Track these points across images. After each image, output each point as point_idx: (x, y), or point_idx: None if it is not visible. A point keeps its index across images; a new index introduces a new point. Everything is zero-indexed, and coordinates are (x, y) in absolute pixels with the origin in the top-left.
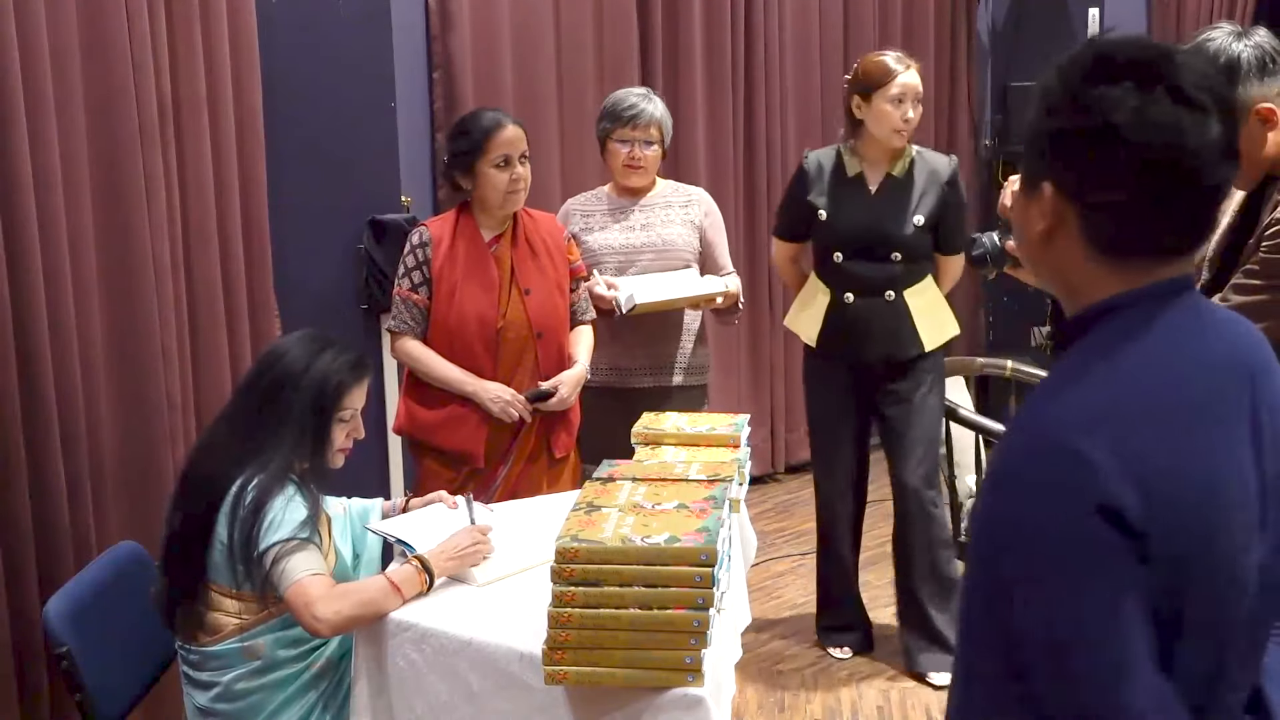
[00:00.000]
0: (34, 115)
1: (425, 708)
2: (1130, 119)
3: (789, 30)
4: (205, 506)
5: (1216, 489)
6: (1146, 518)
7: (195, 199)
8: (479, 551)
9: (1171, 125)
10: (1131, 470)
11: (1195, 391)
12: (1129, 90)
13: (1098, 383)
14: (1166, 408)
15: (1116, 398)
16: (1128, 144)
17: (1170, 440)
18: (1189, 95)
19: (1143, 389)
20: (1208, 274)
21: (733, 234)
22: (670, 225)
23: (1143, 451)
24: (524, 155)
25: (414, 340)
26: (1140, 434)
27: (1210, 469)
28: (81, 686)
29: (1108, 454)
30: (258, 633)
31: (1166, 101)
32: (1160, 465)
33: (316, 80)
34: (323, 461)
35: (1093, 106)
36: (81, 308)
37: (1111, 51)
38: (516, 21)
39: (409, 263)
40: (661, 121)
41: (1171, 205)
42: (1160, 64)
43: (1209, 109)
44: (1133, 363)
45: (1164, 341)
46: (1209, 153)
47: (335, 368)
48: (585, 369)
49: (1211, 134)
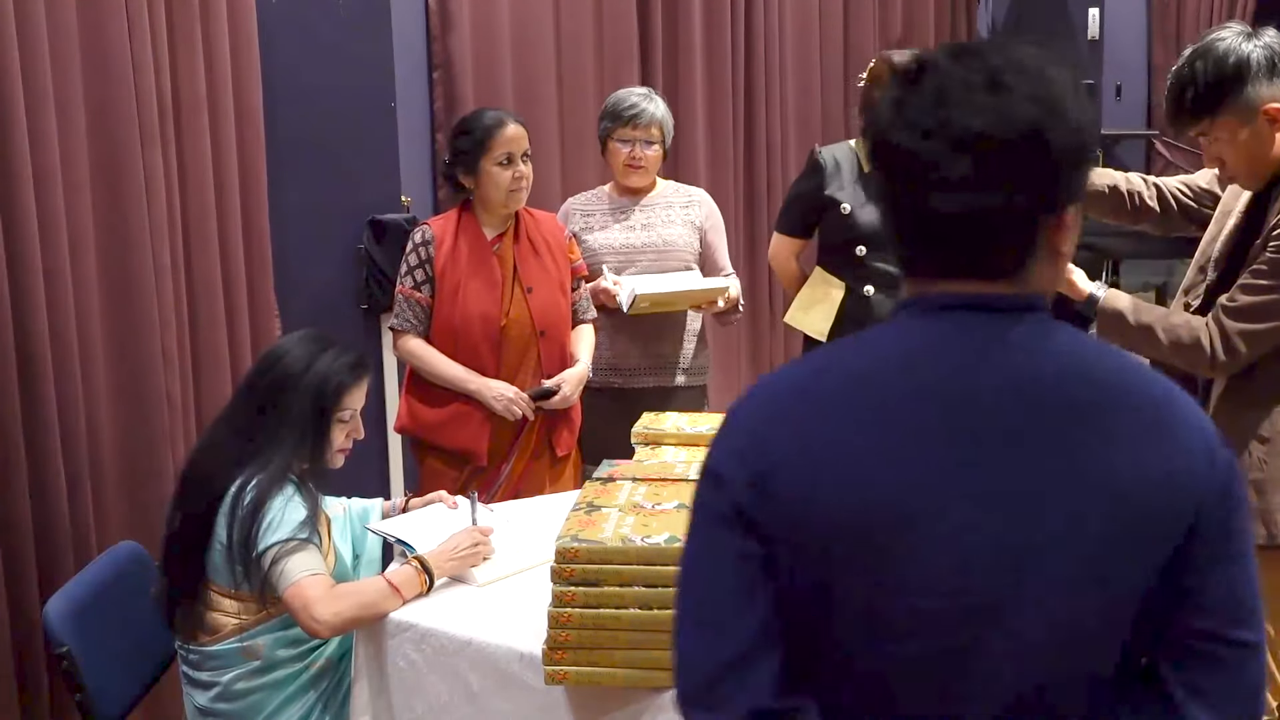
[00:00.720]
0: (34, 115)
1: (425, 708)
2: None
3: (789, 30)
4: (205, 507)
5: (859, 485)
6: (759, 506)
7: (195, 199)
8: (479, 553)
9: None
10: (758, 462)
11: (865, 389)
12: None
13: (779, 373)
14: (812, 398)
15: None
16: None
17: (800, 432)
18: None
19: (802, 379)
20: (1214, 274)
21: (732, 234)
22: (671, 226)
23: (769, 442)
24: (526, 154)
25: (417, 339)
26: (775, 424)
27: (854, 466)
28: (81, 686)
29: (748, 435)
30: (257, 633)
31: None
32: (781, 456)
33: (316, 80)
34: (322, 462)
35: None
36: (81, 308)
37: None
38: (516, 21)
39: (411, 261)
40: (662, 121)
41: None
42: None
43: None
44: (822, 357)
45: (881, 341)
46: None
47: (335, 368)
48: (587, 367)
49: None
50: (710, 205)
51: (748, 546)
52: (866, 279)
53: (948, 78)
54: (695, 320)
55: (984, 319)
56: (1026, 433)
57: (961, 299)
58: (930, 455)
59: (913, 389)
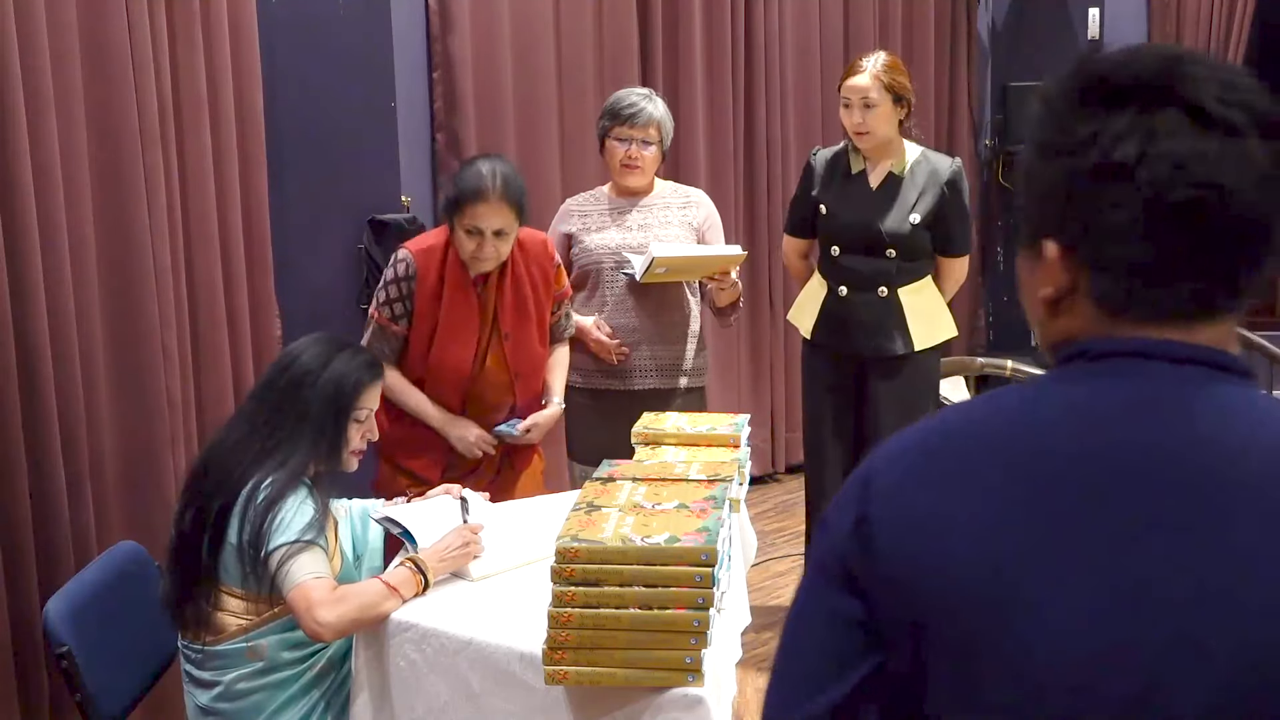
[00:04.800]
0: (34, 115)
1: (425, 708)
2: (1138, 153)
3: (789, 30)
4: (219, 507)
5: (982, 570)
6: (860, 556)
7: (195, 199)
8: (470, 552)
9: (1194, 155)
10: (869, 509)
11: (1003, 453)
12: (1135, 117)
13: (928, 420)
14: (947, 452)
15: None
16: (1139, 185)
17: (921, 485)
18: (1212, 114)
19: (943, 430)
20: None
21: (733, 234)
22: (668, 227)
23: (886, 491)
24: (500, 232)
25: (389, 368)
26: (898, 473)
27: (966, 532)
28: (81, 686)
29: (861, 494)
30: (262, 633)
31: (1185, 126)
32: (893, 507)
33: (316, 80)
34: (338, 462)
35: (1090, 142)
36: (81, 308)
37: (1107, 70)
38: (516, 21)
39: (392, 293)
40: (661, 122)
41: (1202, 257)
42: (1170, 77)
43: (1242, 128)
44: (977, 409)
45: (1033, 398)
46: (1248, 184)
47: (352, 367)
48: (560, 407)
49: (1249, 160)
50: (708, 206)
51: (849, 603)
52: (840, 278)
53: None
54: (695, 322)
55: (1202, 377)
56: (1182, 514)
57: (1192, 351)
58: (1056, 526)
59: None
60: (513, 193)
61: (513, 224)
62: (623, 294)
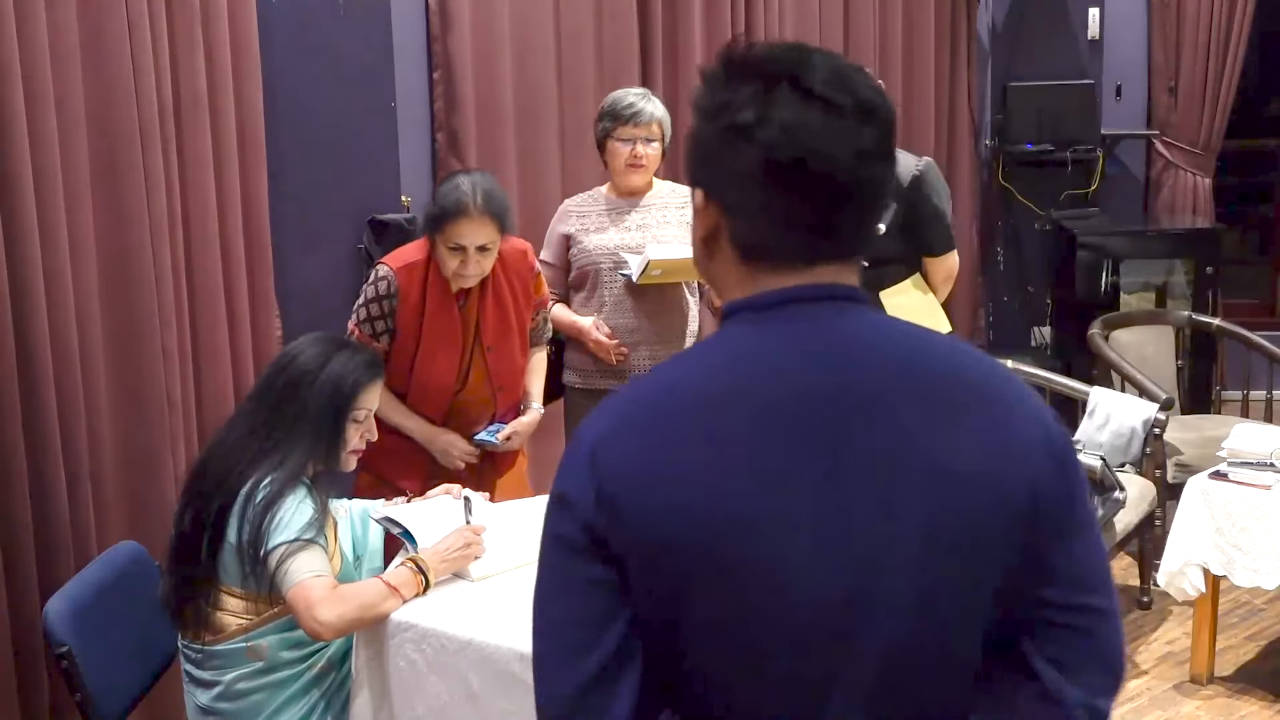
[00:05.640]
0: (34, 115)
1: (425, 708)
2: (756, 118)
3: (789, 31)
4: (218, 507)
5: (703, 507)
6: (607, 526)
7: (195, 199)
8: (471, 553)
9: (799, 124)
10: (605, 482)
11: (710, 407)
12: (757, 90)
13: (627, 391)
14: (657, 417)
15: (626, 405)
16: (753, 144)
17: (646, 451)
18: (818, 93)
19: (648, 398)
20: None
21: None
22: (667, 227)
23: (615, 462)
24: (483, 247)
25: None
26: (621, 444)
27: (699, 484)
28: (81, 686)
29: (592, 469)
30: (262, 633)
31: (795, 101)
32: (627, 475)
33: (316, 80)
34: (337, 462)
35: (725, 107)
36: (81, 308)
37: (747, 54)
38: (516, 21)
39: (373, 310)
40: (662, 120)
41: (800, 209)
42: (789, 64)
43: (844, 108)
44: (668, 373)
45: (715, 352)
46: (846, 154)
47: (350, 367)
48: (539, 411)
49: (849, 134)
50: None
51: (599, 570)
52: None
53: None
54: (693, 323)
55: (832, 309)
56: (865, 426)
57: (820, 290)
58: (771, 463)
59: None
60: (495, 207)
61: (496, 238)
62: (621, 294)
